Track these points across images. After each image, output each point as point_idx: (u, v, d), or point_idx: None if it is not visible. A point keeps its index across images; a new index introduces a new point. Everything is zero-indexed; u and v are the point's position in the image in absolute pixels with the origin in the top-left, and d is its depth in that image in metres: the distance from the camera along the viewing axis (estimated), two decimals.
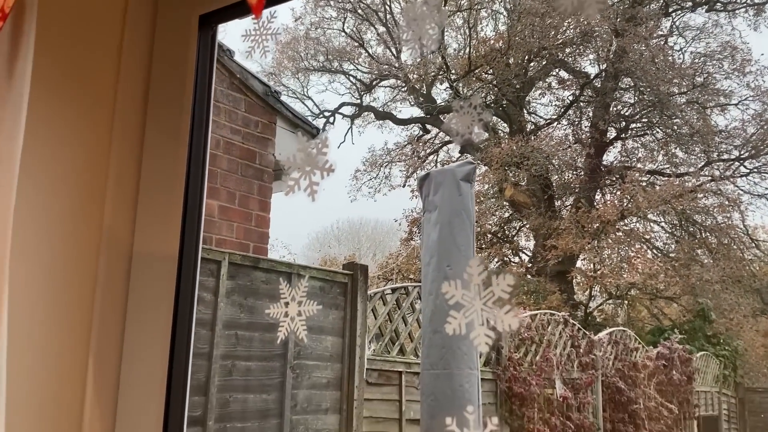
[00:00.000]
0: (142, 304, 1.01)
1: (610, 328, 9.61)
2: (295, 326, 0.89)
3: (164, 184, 1.06)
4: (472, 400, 3.66)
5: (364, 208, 27.55)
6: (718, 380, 12.49)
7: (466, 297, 0.76)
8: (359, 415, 4.26)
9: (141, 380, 0.97)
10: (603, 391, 7.86)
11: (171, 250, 1.02)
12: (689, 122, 15.55)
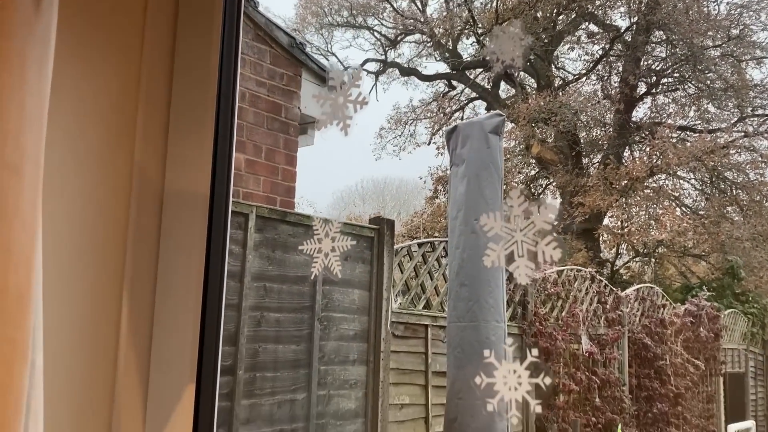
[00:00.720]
0: (175, 242, 1.01)
1: (637, 285, 9.54)
2: (329, 262, 0.88)
3: (194, 122, 1.05)
4: (499, 352, 3.68)
5: (389, 166, 27.45)
6: (746, 338, 12.40)
7: (505, 228, 0.74)
8: (386, 366, 4.31)
9: (175, 317, 0.98)
10: (629, 347, 7.85)
11: (202, 188, 1.01)
12: (723, 76, 15.14)
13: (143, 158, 1.03)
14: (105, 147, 0.99)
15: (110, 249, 0.99)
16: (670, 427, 8.16)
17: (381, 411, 4.23)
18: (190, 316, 0.97)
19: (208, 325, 0.97)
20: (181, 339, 0.97)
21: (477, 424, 3.59)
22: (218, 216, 1.01)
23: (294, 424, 3.65)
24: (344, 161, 24.31)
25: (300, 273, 3.80)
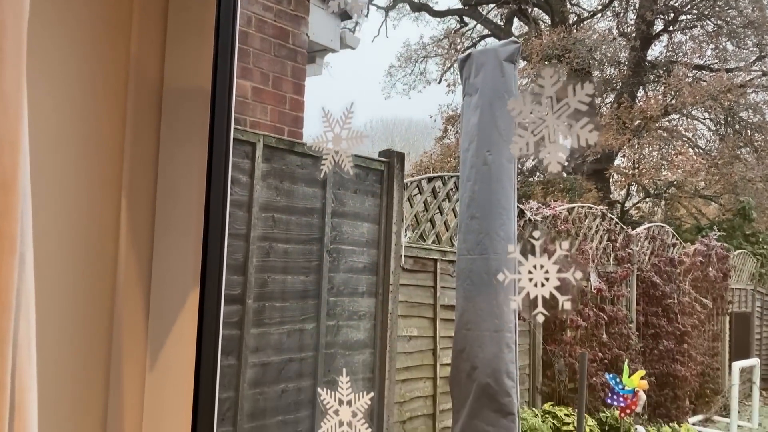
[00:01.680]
0: (176, 142, 0.95)
1: (647, 224, 9.48)
2: (340, 158, 0.82)
3: (194, 15, 0.97)
4: (509, 285, 3.65)
5: (399, 106, 27.17)
6: (754, 278, 12.40)
7: (535, 112, 0.67)
8: (395, 299, 4.31)
9: (177, 218, 0.93)
10: (638, 285, 7.85)
11: (203, 83, 0.94)
12: (744, 12, 14.67)
13: (140, 52, 0.96)
14: (100, 36, 0.92)
15: (108, 142, 0.93)
16: (675, 363, 8.24)
17: (389, 342, 4.25)
18: (192, 218, 0.92)
19: (212, 227, 0.92)
20: (183, 241, 0.93)
21: (485, 354, 3.59)
22: (221, 114, 0.95)
23: (303, 353, 3.68)
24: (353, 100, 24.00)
25: (309, 205, 3.75)
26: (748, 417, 9.63)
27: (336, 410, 0.94)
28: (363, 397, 0.91)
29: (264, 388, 3.46)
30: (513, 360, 3.62)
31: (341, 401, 0.94)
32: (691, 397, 9.21)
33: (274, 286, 3.53)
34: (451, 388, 3.81)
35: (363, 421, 0.90)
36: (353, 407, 0.94)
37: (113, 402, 0.90)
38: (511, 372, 3.60)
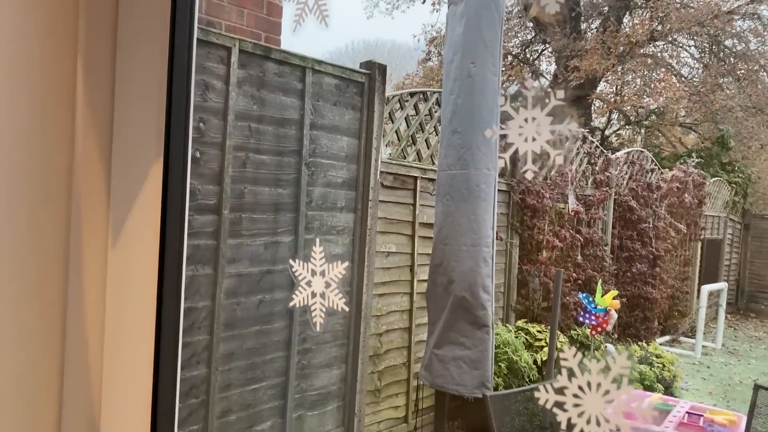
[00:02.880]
0: (134, 33, 0.86)
1: (627, 149, 9.49)
2: (314, 7, 0.74)
3: None
4: (488, 200, 3.64)
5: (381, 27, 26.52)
6: (728, 206, 12.60)
7: None
8: (374, 214, 4.28)
9: (138, 84, 0.85)
10: (614, 209, 7.92)
11: None
12: None
13: None
14: None
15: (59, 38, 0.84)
16: (646, 286, 8.43)
17: (367, 257, 4.25)
18: (154, 83, 0.85)
19: (176, 93, 0.85)
20: (145, 108, 0.86)
21: (461, 268, 3.61)
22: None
23: (280, 265, 3.66)
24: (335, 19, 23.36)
25: (287, 115, 3.65)
26: (712, 338, 9.97)
27: (308, 281, 0.90)
28: (337, 267, 0.87)
29: (241, 298, 3.45)
30: (489, 274, 3.65)
31: (314, 272, 0.90)
32: (660, 318, 9.48)
33: (250, 198, 3.47)
34: (427, 302, 3.85)
35: (337, 292, 0.87)
36: (327, 277, 0.90)
37: (74, 280, 0.86)
38: (486, 286, 3.64)
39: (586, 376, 0.56)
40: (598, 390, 0.58)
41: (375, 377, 4.55)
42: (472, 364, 3.63)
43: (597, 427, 0.54)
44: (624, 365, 0.55)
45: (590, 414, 0.57)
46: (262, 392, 3.62)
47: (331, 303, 0.87)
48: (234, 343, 3.43)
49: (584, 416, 0.57)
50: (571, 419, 0.57)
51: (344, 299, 0.84)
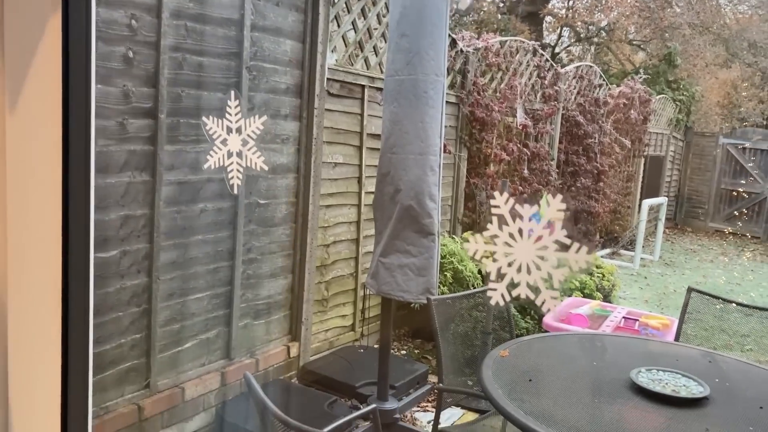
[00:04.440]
0: None
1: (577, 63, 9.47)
2: None
3: None
4: (436, 107, 3.57)
5: None
6: (671, 123, 12.84)
7: None
8: (319, 123, 4.18)
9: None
10: (562, 124, 7.96)
11: None
12: None
13: None
14: None
15: None
16: (590, 200, 8.61)
17: (314, 167, 4.17)
18: None
19: None
20: None
21: (408, 177, 3.57)
22: None
23: (223, 173, 3.55)
24: None
25: (226, 14, 3.45)
26: (650, 251, 10.36)
27: (224, 140, 0.83)
28: (254, 122, 0.80)
29: (181, 206, 3.35)
30: (436, 183, 3.63)
31: (230, 129, 0.83)
32: (601, 232, 9.76)
33: (188, 102, 3.31)
34: (374, 211, 3.82)
35: (255, 150, 0.81)
36: (243, 134, 0.83)
37: None
38: (433, 194, 3.62)
39: (518, 223, 0.52)
40: (530, 236, 0.54)
41: (322, 287, 4.56)
42: (418, 272, 3.65)
43: (528, 275, 0.51)
44: (559, 208, 0.51)
45: (521, 262, 0.53)
46: (206, 301, 3.59)
47: (249, 162, 0.81)
48: (175, 252, 3.35)
49: (515, 265, 0.53)
50: (501, 269, 0.53)
51: (262, 158, 0.77)
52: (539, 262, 0.57)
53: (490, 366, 2.62)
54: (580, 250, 0.62)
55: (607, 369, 2.75)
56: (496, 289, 0.57)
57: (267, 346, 4.09)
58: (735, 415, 2.33)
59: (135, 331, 3.20)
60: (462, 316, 3.49)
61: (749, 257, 11.18)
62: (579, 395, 2.48)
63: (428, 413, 4.16)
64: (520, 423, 2.16)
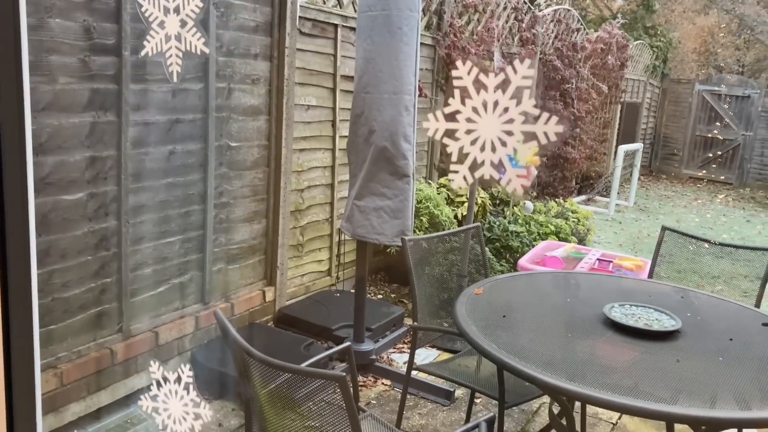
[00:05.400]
0: None
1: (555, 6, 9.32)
2: None
3: None
4: (410, 44, 3.48)
5: None
6: (648, 70, 12.80)
7: None
8: (291, 63, 4.06)
9: None
10: (539, 68, 7.88)
11: None
12: None
13: None
14: None
15: None
16: (567, 147, 8.60)
17: (286, 109, 4.07)
18: None
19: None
20: None
21: (383, 117, 3.50)
22: None
23: (191, 114, 3.45)
24: None
25: None
26: (625, 197, 10.44)
27: (161, 22, 0.77)
28: (192, 1, 0.74)
29: (149, 148, 3.26)
30: (411, 123, 3.56)
31: (167, 9, 0.77)
32: (577, 178, 9.80)
33: None
34: (348, 154, 3.76)
35: (195, 31, 0.75)
36: (182, 14, 0.77)
37: None
38: (408, 135, 3.56)
39: (482, 95, 0.48)
40: (494, 110, 0.50)
41: (297, 232, 4.52)
42: (393, 214, 3.62)
43: (492, 153, 0.47)
44: (526, 75, 0.46)
45: (485, 139, 0.49)
46: (178, 245, 3.53)
47: (188, 46, 0.75)
48: (144, 195, 3.27)
49: (478, 142, 0.49)
50: (463, 148, 0.49)
51: (203, 39, 0.71)
52: (505, 138, 0.53)
53: (465, 303, 2.62)
54: (549, 121, 0.58)
55: (581, 305, 2.76)
56: (458, 171, 0.53)
57: (242, 290, 4.06)
58: (706, 347, 2.36)
59: (105, 275, 3.14)
60: (437, 260, 3.47)
61: (722, 202, 11.33)
62: (553, 330, 2.49)
63: (404, 354, 4.19)
64: (494, 357, 2.17)
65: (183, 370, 0.96)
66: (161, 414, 1.01)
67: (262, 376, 1.94)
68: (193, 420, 0.98)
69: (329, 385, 1.80)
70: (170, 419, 1.01)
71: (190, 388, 0.97)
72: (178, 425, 1.00)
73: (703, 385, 2.07)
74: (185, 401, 0.99)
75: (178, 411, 0.99)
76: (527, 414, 3.58)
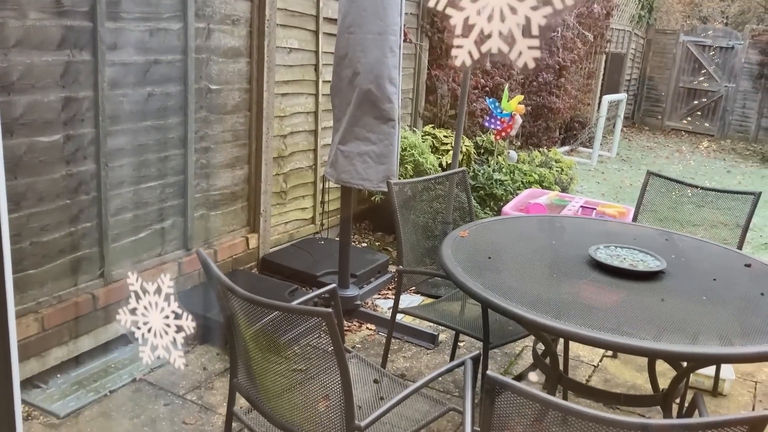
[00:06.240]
0: None
1: None
2: None
3: None
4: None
5: None
6: (633, 20, 12.68)
7: None
8: (272, 4, 3.93)
9: None
10: None
11: None
12: None
13: None
14: None
15: None
16: (551, 96, 8.55)
17: (267, 52, 3.97)
18: None
19: None
20: None
21: (367, 59, 3.42)
22: None
23: (170, 55, 3.34)
24: None
25: None
26: (608, 148, 10.46)
27: None
28: None
29: (127, 90, 3.16)
30: (396, 65, 3.49)
31: None
32: (561, 129, 9.77)
33: None
34: (332, 97, 3.68)
35: None
36: None
37: None
38: (393, 78, 3.49)
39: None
40: None
41: (280, 179, 4.46)
42: (378, 159, 3.57)
43: (501, 23, 0.43)
44: None
45: (493, 6, 0.45)
46: (159, 190, 3.47)
47: None
48: (123, 138, 3.19)
49: (485, 11, 0.45)
50: (469, 18, 0.44)
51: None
52: (515, 4, 0.49)
53: (450, 245, 2.61)
54: None
55: (566, 247, 2.77)
56: (462, 47, 0.49)
57: (225, 237, 4.02)
58: (690, 286, 2.37)
59: (85, 219, 3.08)
60: (422, 208, 3.45)
61: (703, 153, 11.39)
62: (538, 271, 2.49)
63: (389, 300, 4.20)
64: (480, 297, 2.16)
65: (163, 280, 0.93)
66: (141, 328, 0.98)
67: (247, 315, 1.92)
68: (175, 332, 0.95)
69: (315, 327, 1.79)
70: (150, 333, 0.98)
71: (171, 299, 0.94)
72: (159, 338, 0.97)
73: (687, 323, 2.09)
74: (166, 313, 0.96)
75: (158, 324, 0.97)
76: (510, 357, 3.62)
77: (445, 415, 2.97)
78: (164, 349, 1.00)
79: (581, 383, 3.06)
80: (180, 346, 1.00)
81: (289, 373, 1.95)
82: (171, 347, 1.00)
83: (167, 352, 1.01)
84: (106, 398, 2.95)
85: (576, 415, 1.31)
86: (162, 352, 1.01)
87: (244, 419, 2.17)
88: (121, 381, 3.07)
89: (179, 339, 0.98)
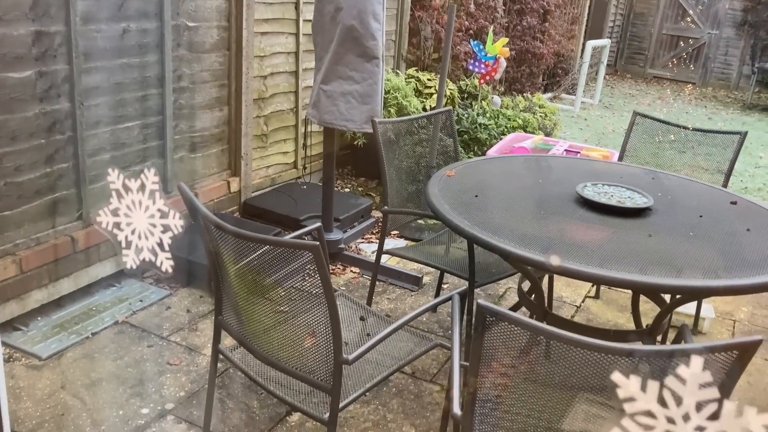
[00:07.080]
0: None
1: None
2: None
3: None
4: None
5: None
6: None
7: None
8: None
9: None
10: None
11: None
12: None
13: None
14: None
15: None
16: (535, 41, 8.43)
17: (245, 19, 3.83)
18: None
19: None
20: None
21: None
22: None
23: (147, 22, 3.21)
24: None
25: None
26: (591, 96, 10.40)
27: None
28: None
29: (101, 25, 3.04)
30: (380, 0, 3.39)
31: None
32: (544, 75, 9.68)
33: None
34: (314, 35, 3.58)
35: None
36: None
37: None
38: (377, 13, 3.39)
39: None
40: None
41: (261, 122, 4.37)
42: (362, 99, 3.49)
43: None
44: None
45: None
46: (137, 131, 3.37)
47: None
48: (98, 76, 3.08)
49: None
50: None
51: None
52: None
53: (436, 184, 2.57)
54: None
55: (553, 185, 2.74)
56: None
57: (206, 180, 3.95)
58: (677, 223, 2.37)
59: (61, 160, 2.99)
60: (406, 152, 3.39)
61: (685, 101, 11.38)
62: (525, 208, 2.47)
63: (372, 244, 4.18)
64: (467, 233, 2.14)
65: (147, 176, 0.88)
66: (124, 230, 0.94)
67: (234, 252, 1.89)
68: (161, 233, 0.91)
69: (303, 263, 1.76)
70: (134, 234, 0.94)
71: (156, 196, 0.90)
72: (144, 240, 0.93)
73: (674, 258, 2.09)
74: (151, 212, 0.92)
75: (143, 224, 0.92)
76: (494, 297, 3.64)
77: (430, 354, 3.00)
78: (150, 251, 0.96)
79: (567, 319, 3.08)
80: (167, 247, 0.95)
81: (276, 309, 1.93)
82: (157, 249, 0.96)
83: (153, 255, 0.97)
84: (89, 340, 2.92)
85: (569, 342, 1.30)
86: (147, 254, 0.97)
87: (229, 356, 2.16)
88: (104, 323, 3.04)
89: (166, 239, 0.94)
